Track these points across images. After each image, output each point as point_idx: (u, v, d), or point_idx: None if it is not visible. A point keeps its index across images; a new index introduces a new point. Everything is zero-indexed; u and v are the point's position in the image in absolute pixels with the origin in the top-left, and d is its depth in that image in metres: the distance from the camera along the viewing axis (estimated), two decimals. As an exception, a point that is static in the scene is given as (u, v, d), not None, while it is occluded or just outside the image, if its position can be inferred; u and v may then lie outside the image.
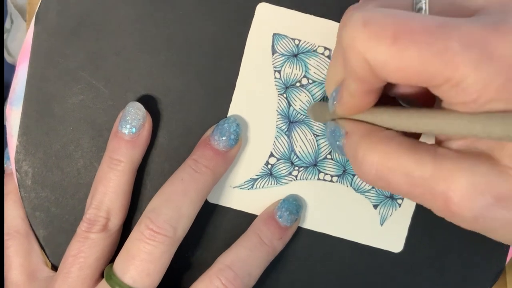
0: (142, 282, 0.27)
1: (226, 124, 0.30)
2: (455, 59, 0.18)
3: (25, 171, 0.31)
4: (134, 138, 0.29)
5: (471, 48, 0.18)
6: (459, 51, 0.18)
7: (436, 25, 0.19)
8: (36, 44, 0.31)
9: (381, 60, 0.19)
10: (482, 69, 0.18)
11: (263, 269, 0.30)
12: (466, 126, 0.19)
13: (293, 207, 0.31)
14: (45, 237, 0.32)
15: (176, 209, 0.28)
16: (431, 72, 0.19)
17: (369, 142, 0.22)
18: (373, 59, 0.19)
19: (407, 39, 0.18)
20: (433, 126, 0.20)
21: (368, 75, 0.20)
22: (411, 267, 0.32)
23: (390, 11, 0.19)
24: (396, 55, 0.19)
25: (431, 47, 0.18)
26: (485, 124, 0.19)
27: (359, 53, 0.20)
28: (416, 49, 0.18)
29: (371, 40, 0.19)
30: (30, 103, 0.31)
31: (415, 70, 0.19)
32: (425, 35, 0.18)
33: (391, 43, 0.19)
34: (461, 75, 0.18)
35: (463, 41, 0.18)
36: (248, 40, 0.31)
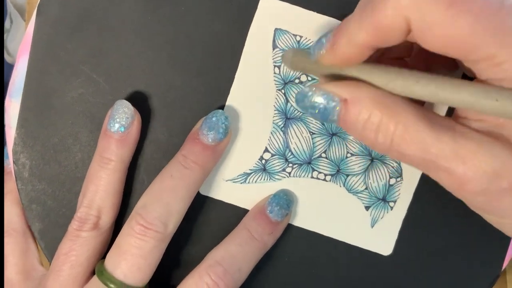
0: (133, 277, 0.27)
1: (215, 117, 0.29)
2: (506, 39, 0.18)
3: (23, 163, 0.31)
4: (123, 137, 0.29)
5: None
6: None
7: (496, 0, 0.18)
8: (37, 37, 0.31)
9: (431, 22, 0.18)
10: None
11: (253, 264, 0.30)
12: (492, 100, 0.19)
13: (284, 202, 0.30)
14: (40, 230, 0.31)
15: (166, 205, 0.28)
16: (478, 46, 0.18)
17: (382, 110, 0.21)
18: (419, 19, 0.19)
19: (463, 7, 0.18)
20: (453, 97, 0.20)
21: (396, 33, 0.20)
22: (400, 270, 0.32)
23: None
24: (448, 21, 0.18)
25: (485, 21, 0.18)
26: None
27: (401, 9, 0.19)
28: (470, 19, 0.18)
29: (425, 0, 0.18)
30: (29, 96, 0.31)
31: (462, 41, 0.18)
32: (483, 7, 0.18)
33: (445, 8, 0.18)
34: (507, 56, 0.18)
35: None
36: (249, 33, 0.31)
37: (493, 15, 0.18)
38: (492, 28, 0.18)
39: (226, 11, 0.31)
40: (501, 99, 0.19)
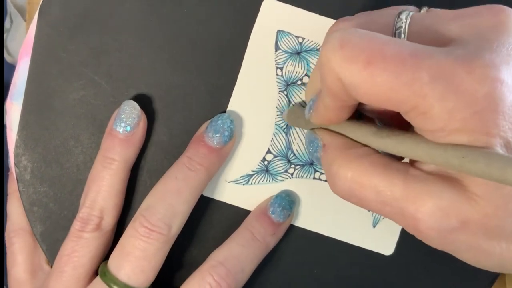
0: (137, 279, 0.27)
1: (220, 120, 0.29)
2: (422, 90, 0.19)
3: (24, 165, 0.31)
4: (129, 137, 0.29)
5: (439, 80, 0.19)
6: (427, 82, 0.19)
7: (408, 53, 0.19)
8: (39, 39, 0.31)
9: (353, 82, 0.20)
10: (448, 100, 0.19)
11: (256, 265, 0.30)
12: (428, 154, 0.20)
13: (286, 202, 0.31)
14: (42, 233, 0.31)
15: (170, 207, 0.28)
16: (400, 99, 0.19)
17: (344, 157, 0.23)
18: (346, 80, 0.20)
19: (378, 65, 0.19)
20: (398, 149, 0.21)
21: (341, 93, 0.21)
22: (402, 270, 0.32)
23: (367, 34, 0.20)
24: (367, 79, 0.20)
25: (400, 76, 0.19)
26: (445, 154, 0.19)
27: (334, 73, 0.20)
28: (386, 76, 0.19)
29: (345, 62, 0.20)
30: (30, 98, 0.31)
31: (384, 96, 0.20)
32: (396, 63, 0.19)
33: (363, 67, 0.20)
34: (428, 105, 0.19)
35: (432, 72, 0.19)
36: (252, 35, 0.31)
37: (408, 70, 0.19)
38: (408, 82, 0.19)
39: (229, 13, 0.31)
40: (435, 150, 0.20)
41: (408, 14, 0.23)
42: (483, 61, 0.19)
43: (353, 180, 0.22)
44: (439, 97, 0.19)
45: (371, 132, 0.23)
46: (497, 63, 0.19)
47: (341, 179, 0.23)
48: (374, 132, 0.23)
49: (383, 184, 0.21)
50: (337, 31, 0.21)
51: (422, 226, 0.20)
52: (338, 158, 0.23)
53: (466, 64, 0.19)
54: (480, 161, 0.18)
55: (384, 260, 0.32)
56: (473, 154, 0.18)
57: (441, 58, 0.19)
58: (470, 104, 0.19)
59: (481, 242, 0.20)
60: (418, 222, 0.20)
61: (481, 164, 0.18)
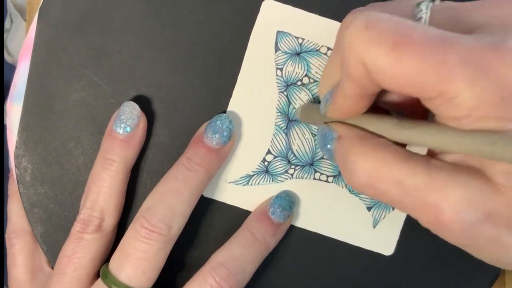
0: (138, 280, 0.27)
1: (219, 121, 0.29)
2: (451, 74, 0.18)
3: (25, 167, 0.31)
4: (128, 138, 0.29)
5: (469, 64, 0.18)
6: (456, 66, 0.18)
7: (437, 37, 0.19)
8: (39, 40, 0.31)
9: (379, 65, 0.19)
10: (477, 86, 0.18)
11: (257, 266, 0.30)
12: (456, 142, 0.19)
13: (286, 203, 0.31)
14: (42, 234, 0.31)
15: (170, 208, 0.28)
16: (426, 84, 0.19)
17: (362, 147, 0.22)
18: (370, 63, 0.19)
19: (406, 48, 0.19)
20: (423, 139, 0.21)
21: (365, 79, 0.20)
22: (402, 270, 0.32)
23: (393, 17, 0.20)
24: (394, 63, 0.19)
25: (429, 59, 0.18)
26: (474, 142, 0.19)
27: (358, 56, 0.20)
28: (414, 59, 0.19)
29: (371, 44, 0.19)
30: (31, 99, 0.31)
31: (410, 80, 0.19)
32: (425, 46, 0.19)
33: (390, 50, 0.19)
34: (456, 90, 0.18)
35: (461, 56, 0.18)
36: (251, 36, 0.31)
37: (437, 53, 0.18)
38: (437, 66, 0.18)
39: (228, 14, 0.31)
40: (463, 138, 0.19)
41: (427, 5, 0.22)
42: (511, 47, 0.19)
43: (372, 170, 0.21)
44: (468, 82, 0.18)
45: (393, 124, 0.22)
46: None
47: (359, 170, 0.22)
48: (396, 124, 0.22)
49: (405, 174, 0.21)
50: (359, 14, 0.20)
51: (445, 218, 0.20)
52: (355, 149, 0.22)
53: (496, 49, 0.18)
54: None
55: (384, 260, 0.32)
56: (503, 140, 0.18)
57: (470, 42, 0.19)
58: (499, 90, 0.18)
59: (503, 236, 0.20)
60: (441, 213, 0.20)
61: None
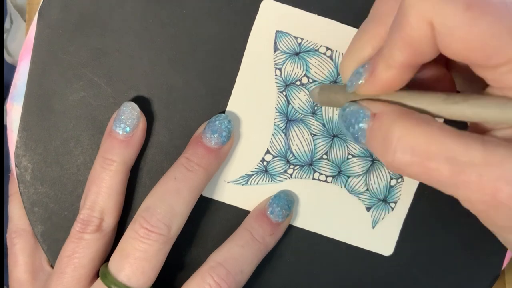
0: (137, 280, 0.27)
1: (218, 121, 0.29)
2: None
3: (25, 166, 0.31)
4: (128, 138, 0.29)
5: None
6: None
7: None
8: (39, 40, 0.31)
9: (450, 25, 0.18)
10: None
11: (255, 265, 0.30)
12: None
13: (285, 202, 0.31)
14: (43, 233, 0.32)
15: (169, 208, 0.28)
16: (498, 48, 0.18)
17: (407, 123, 0.20)
18: (440, 23, 0.18)
19: (482, 9, 0.18)
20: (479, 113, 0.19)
21: (425, 42, 0.19)
22: (401, 270, 0.32)
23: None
24: (467, 23, 0.18)
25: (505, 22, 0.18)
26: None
27: (424, 15, 0.19)
28: (489, 21, 0.18)
29: (443, 3, 0.18)
30: (31, 99, 0.31)
31: (482, 43, 0.18)
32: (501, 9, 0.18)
33: (464, 10, 0.18)
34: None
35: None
36: (250, 36, 0.31)
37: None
38: None
39: (227, 14, 0.31)
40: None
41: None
42: None
43: (420, 147, 0.20)
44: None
45: (440, 99, 0.20)
46: None
47: (405, 148, 0.20)
48: (444, 99, 0.20)
49: (459, 150, 0.19)
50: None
51: (503, 195, 0.18)
52: (398, 124, 0.20)
53: None
54: None
55: (384, 261, 0.32)
56: None
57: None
58: None
59: None
60: (499, 190, 0.18)
61: None
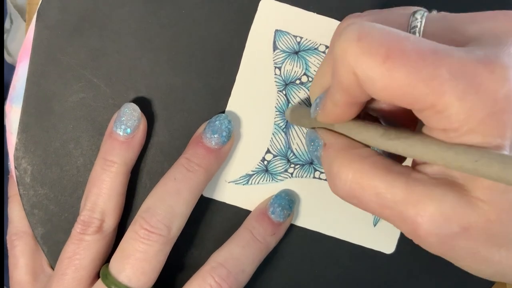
0: (138, 280, 0.27)
1: (218, 121, 0.29)
2: (442, 87, 0.18)
3: (24, 168, 0.31)
4: (129, 139, 0.29)
5: (460, 78, 0.18)
6: (447, 79, 0.18)
7: (429, 50, 0.19)
8: (37, 41, 0.31)
9: (370, 76, 0.19)
10: (467, 100, 0.18)
11: (256, 265, 0.30)
12: (439, 156, 0.20)
13: (286, 202, 0.31)
14: (43, 235, 0.32)
15: (169, 208, 0.28)
16: (417, 96, 0.19)
17: (345, 158, 0.23)
18: (362, 74, 0.20)
19: (398, 60, 0.19)
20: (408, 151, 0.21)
21: (355, 89, 0.21)
22: (403, 269, 0.32)
23: (386, 28, 0.20)
24: (385, 74, 0.19)
25: (420, 72, 0.19)
26: (457, 158, 0.19)
27: (349, 66, 0.20)
28: (405, 71, 0.19)
29: (363, 55, 0.19)
30: (30, 101, 0.31)
31: (401, 92, 0.19)
32: (417, 59, 0.19)
33: (382, 61, 0.19)
34: (446, 103, 0.19)
35: (453, 70, 0.18)
36: (249, 35, 0.31)
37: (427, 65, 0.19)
38: (428, 79, 0.18)
39: (227, 13, 0.31)
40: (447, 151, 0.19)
41: (423, 14, 0.22)
42: (503, 62, 0.19)
43: (353, 181, 0.22)
44: (459, 96, 0.18)
45: (379, 134, 0.22)
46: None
47: (342, 180, 0.22)
48: (381, 134, 0.22)
49: (384, 186, 0.21)
50: (353, 23, 0.20)
51: (421, 231, 0.20)
52: (339, 158, 0.23)
53: (487, 63, 0.19)
54: (495, 165, 0.18)
55: (385, 259, 0.32)
56: (486, 158, 0.18)
57: (462, 56, 0.19)
58: (489, 105, 0.18)
59: (481, 249, 0.20)
60: (418, 226, 0.20)
61: (495, 168, 0.18)
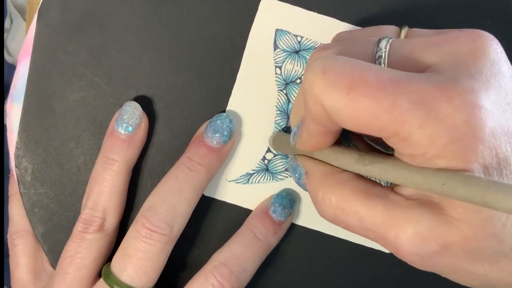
0: (140, 280, 0.27)
1: (219, 120, 0.29)
2: (403, 116, 0.19)
3: (25, 167, 0.31)
4: (130, 138, 0.29)
5: (419, 106, 0.19)
6: (407, 108, 0.19)
7: (389, 79, 0.20)
8: (38, 40, 0.31)
9: (336, 107, 0.20)
10: (428, 127, 0.19)
11: (258, 264, 0.30)
12: (410, 180, 0.20)
13: (287, 201, 0.31)
14: (43, 234, 0.32)
15: (171, 207, 0.28)
16: (381, 125, 0.20)
17: (327, 184, 0.24)
18: (328, 105, 0.20)
19: (360, 91, 0.20)
20: (381, 175, 0.22)
21: (325, 119, 0.21)
22: (403, 267, 0.32)
23: (349, 60, 0.21)
24: (349, 105, 0.20)
25: (381, 102, 0.19)
26: (426, 181, 0.20)
27: (316, 98, 0.21)
28: (367, 102, 0.19)
29: (328, 88, 0.20)
30: (31, 99, 0.31)
31: (366, 121, 0.20)
32: (377, 89, 0.19)
33: (345, 93, 0.20)
34: (408, 131, 0.19)
35: (413, 98, 0.19)
36: (250, 34, 0.31)
37: (389, 96, 0.19)
38: (389, 108, 0.19)
39: (227, 12, 0.31)
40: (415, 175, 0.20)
41: (387, 42, 0.23)
42: (462, 88, 0.19)
43: (337, 206, 0.23)
44: (419, 124, 0.19)
45: (354, 160, 0.23)
46: (475, 89, 0.19)
47: (326, 205, 0.23)
48: (356, 159, 0.23)
49: (365, 211, 0.22)
50: (319, 58, 0.21)
51: (403, 252, 0.21)
52: (321, 185, 0.24)
53: (445, 90, 0.19)
54: (460, 187, 0.18)
55: (386, 258, 0.32)
56: (452, 181, 0.19)
57: (421, 84, 0.19)
58: (449, 131, 0.19)
59: (464, 264, 0.21)
60: (398, 248, 0.21)
61: (461, 190, 0.18)
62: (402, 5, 0.31)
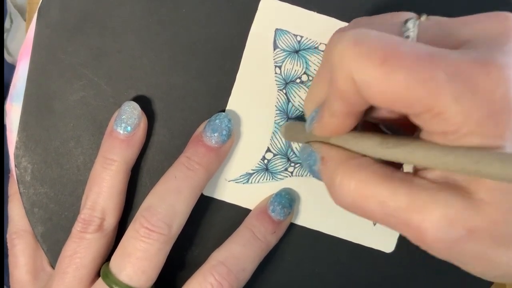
0: (138, 279, 0.27)
1: (218, 120, 0.29)
2: (439, 89, 0.19)
3: (24, 167, 0.31)
4: (129, 138, 0.29)
5: (456, 80, 0.18)
6: (444, 81, 0.18)
7: (425, 53, 0.19)
8: (38, 40, 0.31)
9: (367, 80, 0.19)
10: (464, 101, 0.18)
11: (257, 264, 0.30)
12: (440, 161, 0.20)
13: (286, 200, 0.31)
14: (43, 234, 0.32)
15: (170, 207, 0.28)
16: (414, 99, 0.19)
17: (346, 169, 0.23)
18: (359, 78, 0.20)
19: (395, 63, 0.19)
20: (407, 158, 0.21)
21: (353, 95, 0.21)
22: (402, 267, 0.32)
23: (382, 34, 0.20)
24: (383, 78, 0.19)
25: (417, 74, 0.19)
26: (458, 161, 0.19)
27: (347, 72, 0.20)
28: (402, 74, 0.19)
29: (360, 59, 0.19)
30: (30, 99, 0.31)
31: (399, 95, 0.19)
32: (413, 62, 0.19)
33: (379, 65, 0.19)
34: (443, 105, 0.19)
35: (449, 72, 0.19)
36: (250, 34, 0.31)
37: (425, 68, 0.19)
38: (425, 81, 0.19)
39: (227, 12, 0.31)
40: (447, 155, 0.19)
41: (415, 23, 0.22)
42: (499, 62, 0.19)
43: (356, 191, 0.22)
44: (456, 97, 0.18)
45: (376, 143, 0.22)
46: (511, 65, 0.19)
47: (344, 191, 0.22)
48: (379, 143, 0.22)
49: (387, 194, 0.21)
50: (348, 31, 0.20)
51: (428, 237, 0.20)
52: (339, 170, 0.23)
53: (484, 64, 0.19)
54: (496, 165, 0.18)
55: (385, 258, 0.32)
56: (487, 159, 0.18)
57: (458, 57, 0.19)
58: (486, 105, 0.18)
59: (488, 251, 0.20)
60: (423, 233, 0.20)
61: (497, 168, 0.18)
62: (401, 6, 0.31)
